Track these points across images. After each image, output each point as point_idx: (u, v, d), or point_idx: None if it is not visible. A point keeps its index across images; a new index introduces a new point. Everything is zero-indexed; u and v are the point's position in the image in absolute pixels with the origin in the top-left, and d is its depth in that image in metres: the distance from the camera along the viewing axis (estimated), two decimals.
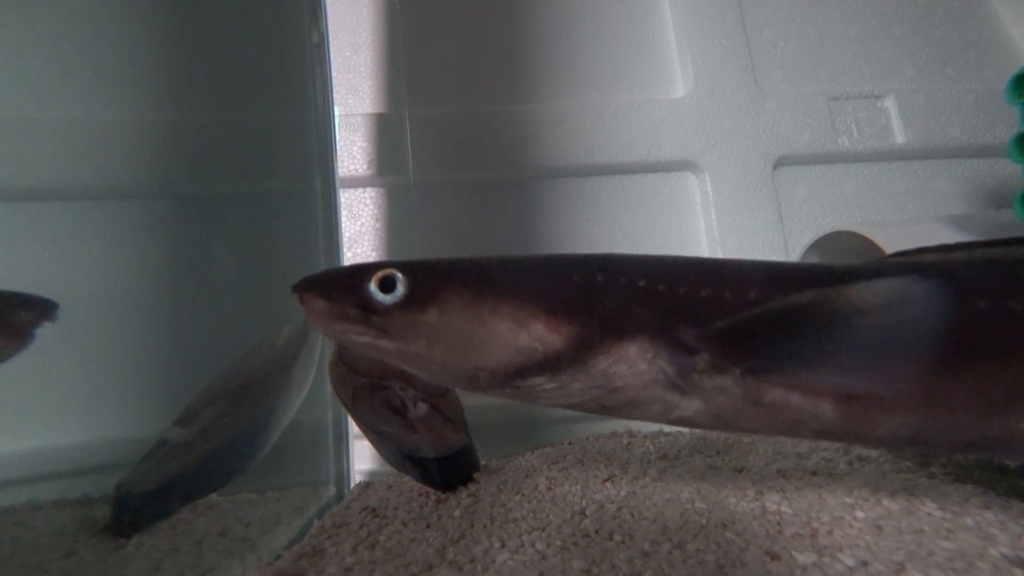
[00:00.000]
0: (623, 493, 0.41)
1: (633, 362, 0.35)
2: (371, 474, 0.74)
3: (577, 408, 0.38)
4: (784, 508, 0.37)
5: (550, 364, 0.36)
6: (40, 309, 0.39)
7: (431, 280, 0.38)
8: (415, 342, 0.37)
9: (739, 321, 0.33)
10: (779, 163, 0.88)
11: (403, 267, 0.38)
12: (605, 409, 0.38)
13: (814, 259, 0.69)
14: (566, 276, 0.37)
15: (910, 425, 0.32)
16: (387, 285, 0.37)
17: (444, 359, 0.37)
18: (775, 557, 0.31)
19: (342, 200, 0.83)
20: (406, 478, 0.52)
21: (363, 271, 0.38)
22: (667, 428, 0.75)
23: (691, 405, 0.35)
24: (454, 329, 0.37)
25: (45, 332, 0.46)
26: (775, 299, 0.33)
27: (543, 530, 0.37)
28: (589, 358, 0.35)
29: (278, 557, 0.40)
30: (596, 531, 0.36)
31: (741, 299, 0.34)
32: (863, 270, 0.35)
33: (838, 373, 0.31)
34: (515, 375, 0.36)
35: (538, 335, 0.36)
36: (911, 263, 0.36)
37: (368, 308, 0.37)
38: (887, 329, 0.30)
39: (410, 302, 0.37)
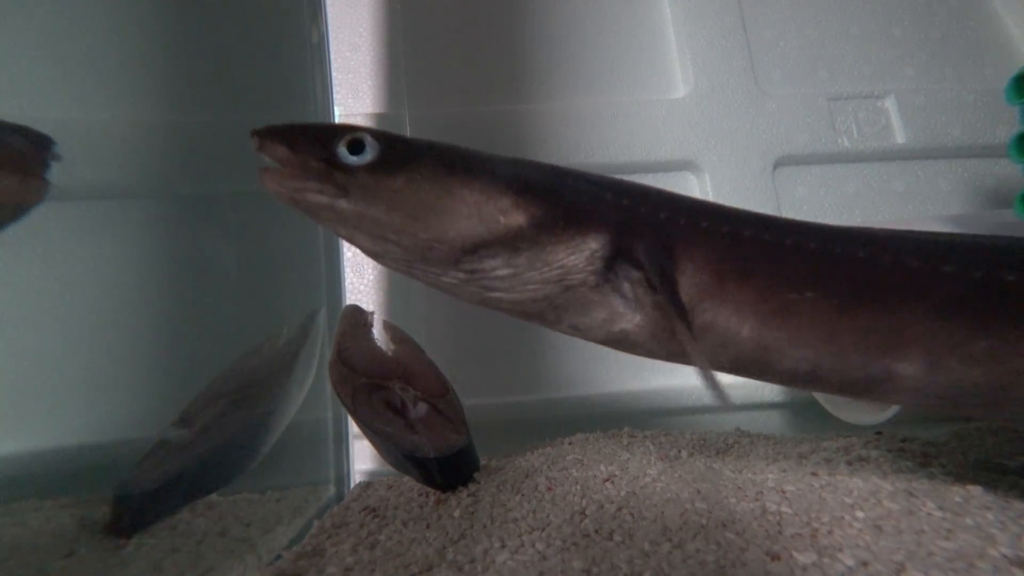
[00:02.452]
0: (623, 493, 0.41)
1: (591, 258, 0.36)
2: (371, 474, 0.74)
3: (523, 312, 0.39)
4: (784, 508, 0.37)
5: (509, 242, 0.36)
6: (42, 140, 0.36)
7: (404, 149, 0.38)
8: (374, 205, 0.37)
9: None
10: (779, 163, 0.88)
11: (377, 133, 0.38)
12: (553, 312, 0.39)
13: None
14: (540, 170, 0.40)
15: (809, 360, 0.36)
16: (356, 147, 0.37)
17: (402, 226, 0.37)
18: (775, 557, 0.31)
19: None
20: (406, 478, 0.52)
21: (335, 128, 0.38)
22: (667, 428, 0.75)
23: (633, 318, 0.37)
24: (419, 196, 0.37)
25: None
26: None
27: (543, 530, 0.37)
28: (549, 243, 0.36)
29: (278, 557, 0.40)
30: (596, 531, 0.36)
31: (694, 226, 0.38)
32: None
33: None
34: (471, 251, 0.36)
35: (503, 208, 0.36)
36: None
37: (333, 164, 0.37)
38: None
39: (378, 166, 0.37)
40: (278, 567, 0.37)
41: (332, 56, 0.86)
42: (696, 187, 0.88)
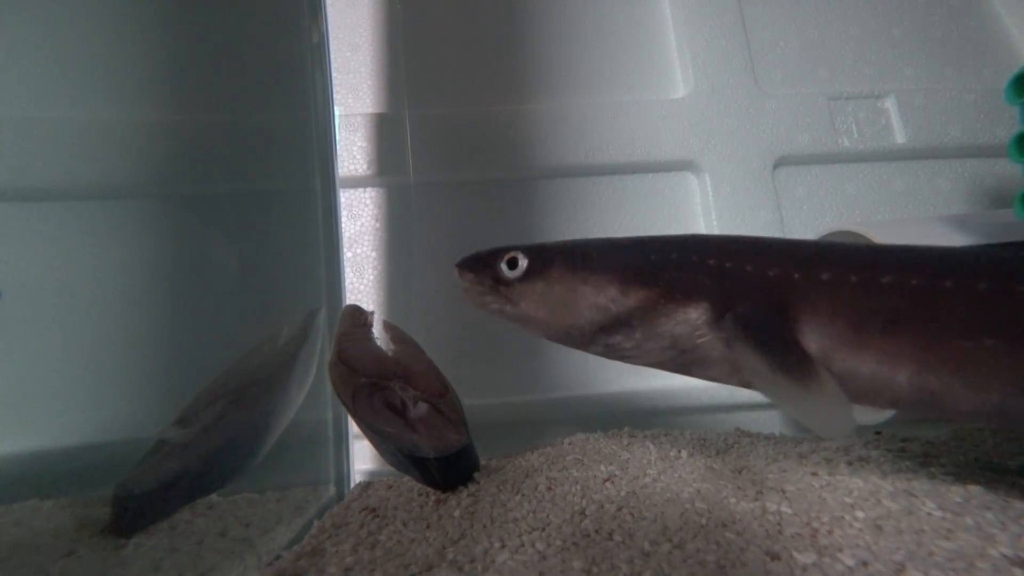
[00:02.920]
0: (623, 493, 0.41)
1: (696, 325, 0.41)
2: (371, 474, 0.74)
3: (663, 366, 0.45)
4: (784, 508, 0.37)
5: (624, 323, 0.43)
6: None
7: (541, 258, 0.48)
8: (529, 307, 0.48)
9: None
10: (779, 163, 0.88)
11: (524, 249, 0.49)
12: (684, 366, 0.44)
13: None
14: (644, 252, 0.45)
15: (994, 402, 0.35)
16: (512, 263, 0.48)
17: (549, 319, 0.47)
18: (775, 557, 0.31)
19: (342, 200, 0.83)
20: (406, 478, 0.52)
21: (498, 253, 0.49)
22: (667, 428, 0.75)
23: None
24: (554, 295, 0.46)
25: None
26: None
27: (543, 530, 0.37)
28: (655, 319, 0.42)
29: (278, 557, 0.40)
30: (596, 531, 0.36)
31: (812, 279, 0.38)
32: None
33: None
34: (598, 332, 0.45)
35: (613, 297, 0.43)
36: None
37: (499, 280, 0.48)
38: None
39: (526, 276, 0.48)
40: (278, 567, 0.37)
41: (332, 56, 0.86)
42: (696, 187, 0.88)
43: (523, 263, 0.48)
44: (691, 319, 0.41)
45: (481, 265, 0.50)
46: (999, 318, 0.34)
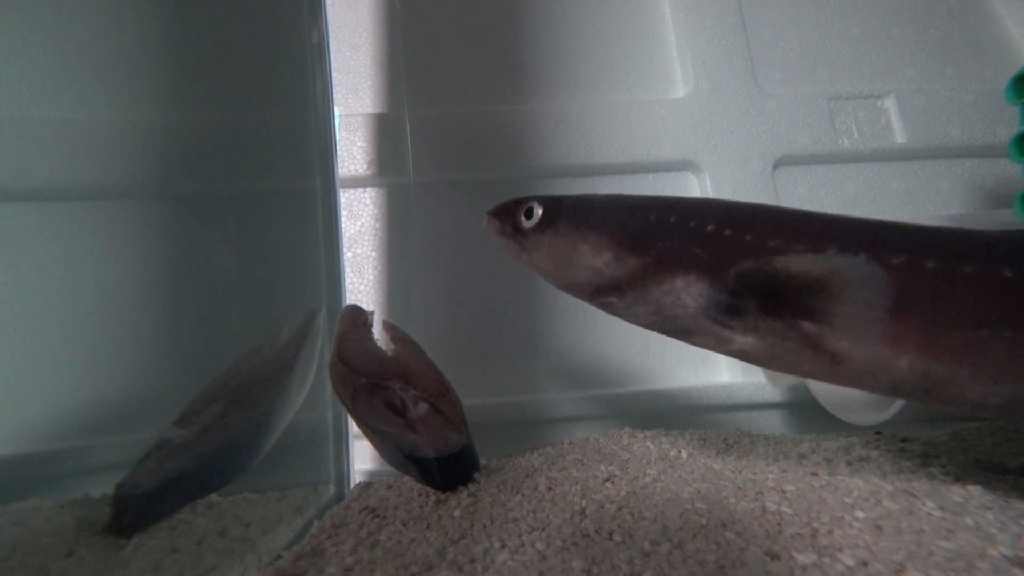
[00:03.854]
0: (623, 493, 0.41)
1: (679, 295, 0.41)
2: (371, 474, 0.74)
3: (651, 328, 0.45)
4: (784, 508, 0.37)
5: (615, 287, 0.44)
6: None
7: (553, 210, 0.49)
8: (538, 257, 0.49)
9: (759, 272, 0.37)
10: (779, 163, 0.88)
11: (542, 200, 0.50)
12: (671, 332, 0.44)
13: None
14: (646, 215, 0.44)
15: (1006, 394, 0.33)
16: (529, 213, 0.50)
17: (554, 272, 0.48)
18: (775, 557, 0.31)
19: (342, 200, 0.83)
20: (406, 478, 0.52)
21: (520, 202, 0.51)
22: (667, 428, 0.75)
23: (745, 340, 0.39)
24: (559, 250, 0.47)
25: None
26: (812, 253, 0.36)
27: (543, 530, 0.37)
28: (645, 287, 0.42)
29: (278, 557, 0.40)
30: (596, 531, 0.36)
31: (788, 248, 0.37)
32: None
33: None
34: (594, 291, 0.46)
35: (607, 261, 0.44)
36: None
37: (517, 229, 0.50)
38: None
39: (538, 226, 0.49)
40: (278, 567, 0.37)
41: (332, 56, 0.86)
42: (696, 187, 0.88)
43: (538, 213, 0.49)
44: (678, 289, 0.40)
45: (505, 213, 0.52)
46: (1017, 307, 0.32)
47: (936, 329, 0.33)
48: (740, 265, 0.38)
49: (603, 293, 0.45)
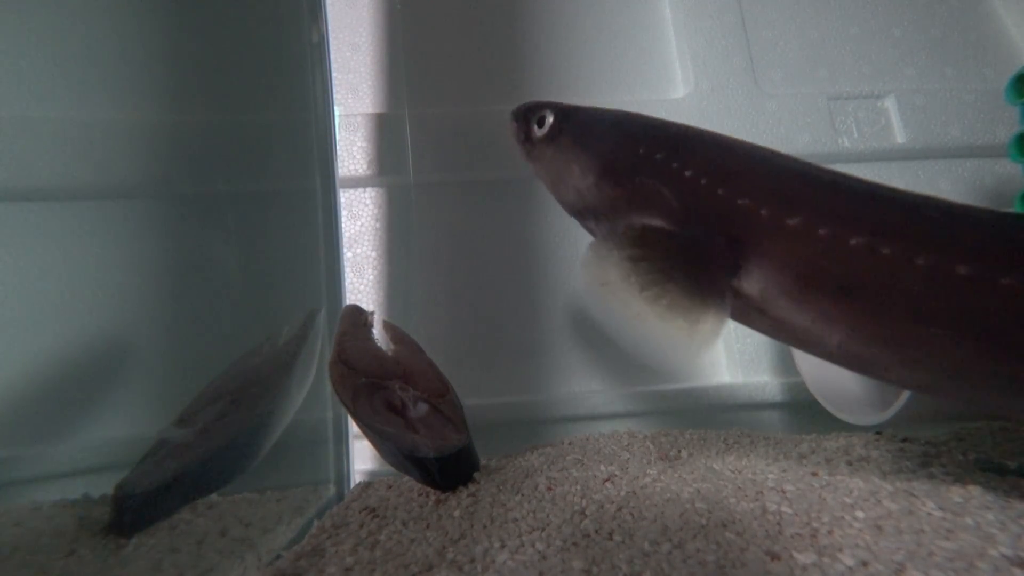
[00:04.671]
0: (623, 493, 0.41)
1: (646, 230, 0.39)
2: (371, 474, 0.74)
3: None
4: (784, 508, 0.37)
5: (593, 213, 0.44)
6: None
7: (561, 123, 0.48)
8: (540, 168, 0.50)
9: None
10: None
11: (554, 108, 0.49)
12: None
13: None
14: (636, 143, 0.42)
15: (923, 383, 0.34)
16: (541, 121, 0.49)
17: (550, 185, 0.49)
18: (775, 557, 0.31)
19: (342, 200, 0.83)
20: (406, 478, 0.52)
21: (535, 108, 0.50)
22: (667, 428, 0.75)
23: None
24: (556, 164, 0.47)
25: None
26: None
27: (543, 530, 0.37)
28: (616, 219, 0.42)
29: (278, 557, 0.40)
30: (596, 531, 0.36)
31: (778, 221, 0.35)
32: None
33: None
34: (577, 213, 0.46)
35: (588, 186, 0.44)
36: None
37: (528, 136, 0.50)
38: None
39: (545, 137, 0.48)
40: (278, 567, 0.37)
41: (332, 56, 0.86)
42: None
43: (548, 122, 0.49)
44: (643, 224, 0.40)
45: (521, 117, 0.51)
46: (951, 305, 0.31)
47: (869, 315, 0.33)
48: (699, 223, 0.37)
49: (583, 216, 0.45)
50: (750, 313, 0.38)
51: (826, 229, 0.33)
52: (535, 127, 0.49)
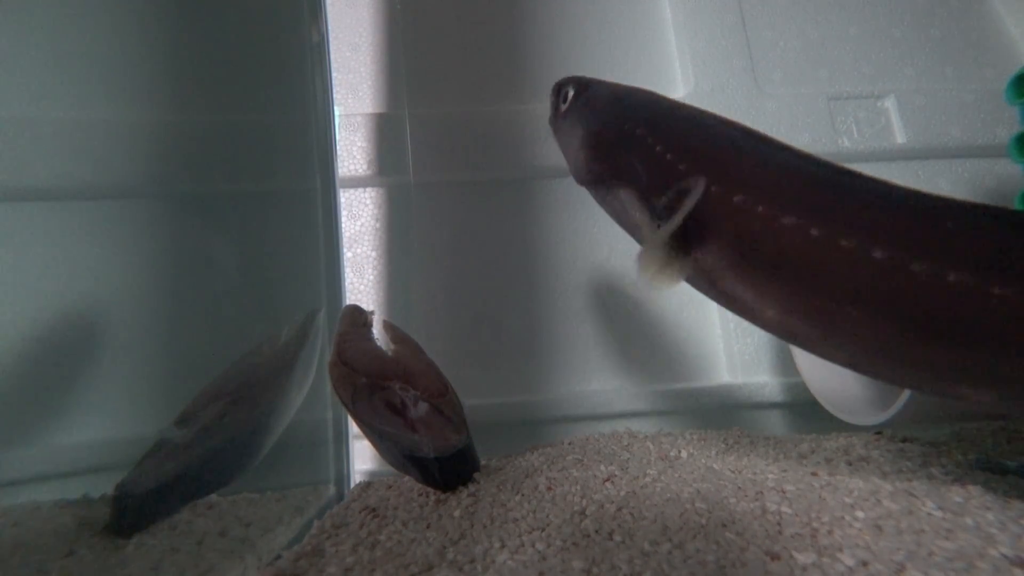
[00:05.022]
0: (623, 493, 0.41)
1: (624, 206, 0.44)
2: (371, 474, 0.74)
3: (620, 224, 0.48)
4: (784, 508, 0.37)
5: (591, 183, 0.48)
6: None
7: (579, 96, 0.51)
8: (558, 140, 0.54)
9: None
10: None
11: (576, 84, 0.53)
12: (630, 229, 0.47)
13: None
14: (622, 124, 0.45)
15: (846, 359, 0.36)
16: (564, 96, 0.53)
17: (565, 155, 0.52)
18: (775, 557, 0.31)
19: (342, 200, 0.83)
20: (406, 478, 0.52)
21: (565, 83, 0.54)
22: (667, 428, 0.75)
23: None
24: (567, 137, 0.51)
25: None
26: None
27: (543, 530, 0.37)
28: (603, 189, 0.46)
29: (278, 557, 0.40)
30: (596, 531, 0.36)
31: (725, 197, 0.37)
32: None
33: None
34: (582, 182, 0.49)
35: (586, 160, 0.47)
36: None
37: (556, 109, 0.54)
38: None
39: (566, 111, 0.52)
40: (278, 567, 0.37)
41: (332, 56, 0.86)
42: None
43: (569, 96, 0.52)
44: (623, 200, 0.43)
45: (554, 91, 0.55)
46: (867, 288, 0.32)
47: (798, 292, 0.35)
48: (660, 195, 0.40)
49: (586, 185, 0.49)
50: (704, 282, 0.40)
51: (764, 207, 0.35)
52: (560, 100, 0.53)
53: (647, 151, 0.42)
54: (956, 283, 0.29)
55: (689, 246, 0.38)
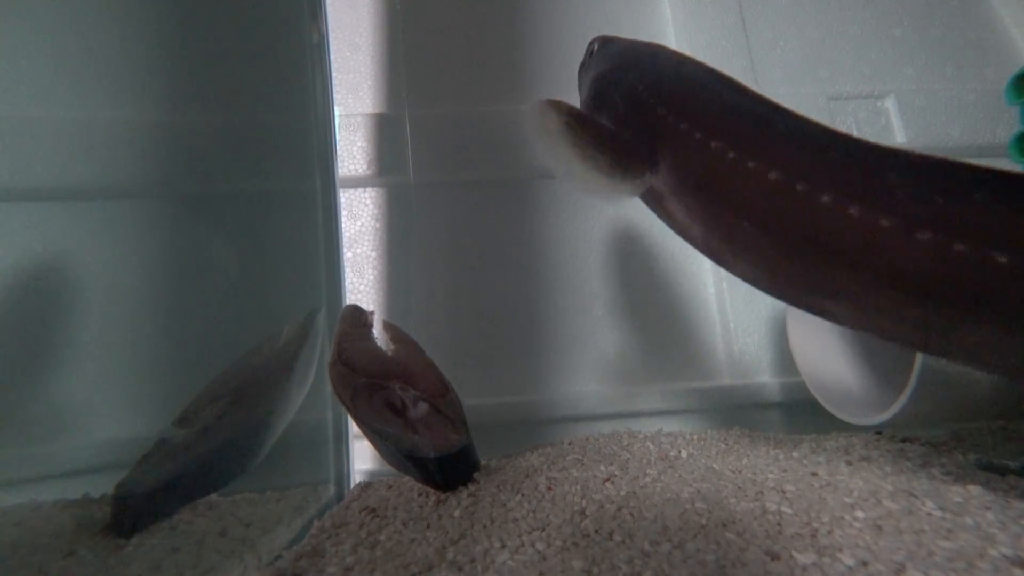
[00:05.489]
0: (623, 493, 0.41)
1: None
2: (371, 474, 0.74)
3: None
4: (784, 508, 0.37)
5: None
6: None
7: (597, 51, 0.55)
8: (580, 90, 0.57)
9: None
10: None
11: (601, 40, 0.56)
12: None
13: None
14: (619, 71, 0.49)
15: (749, 276, 0.41)
16: (590, 51, 0.56)
17: (581, 102, 0.55)
18: (775, 557, 0.31)
19: (342, 200, 0.83)
20: (406, 478, 0.52)
21: (593, 41, 0.58)
22: (667, 428, 0.75)
23: (643, 192, 0.45)
24: (583, 89, 0.55)
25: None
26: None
27: (543, 530, 0.37)
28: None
29: (278, 557, 0.40)
30: (596, 531, 0.36)
31: (673, 126, 0.42)
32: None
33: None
34: None
35: (585, 95, 0.52)
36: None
37: (583, 63, 0.59)
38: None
39: (586, 62, 0.57)
40: (278, 567, 0.37)
41: (332, 56, 0.86)
42: None
43: (594, 50, 0.55)
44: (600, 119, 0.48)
45: (587, 51, 0.58)
46: (767, 210, 0.36)
47: (712, 211, 0.39)
48: (635, 127, 0.44)
49: None
50: (654, 203, 0.46)
51: (700, 134, 0.39)
52: (588, 56, 0.56)
53: (628, 89, 0.47)
54: (827, 204, 0.34)
55: (646, 167, 0.44)
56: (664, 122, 0.42)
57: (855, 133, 0.89)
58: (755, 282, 0.41)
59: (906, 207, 0.32)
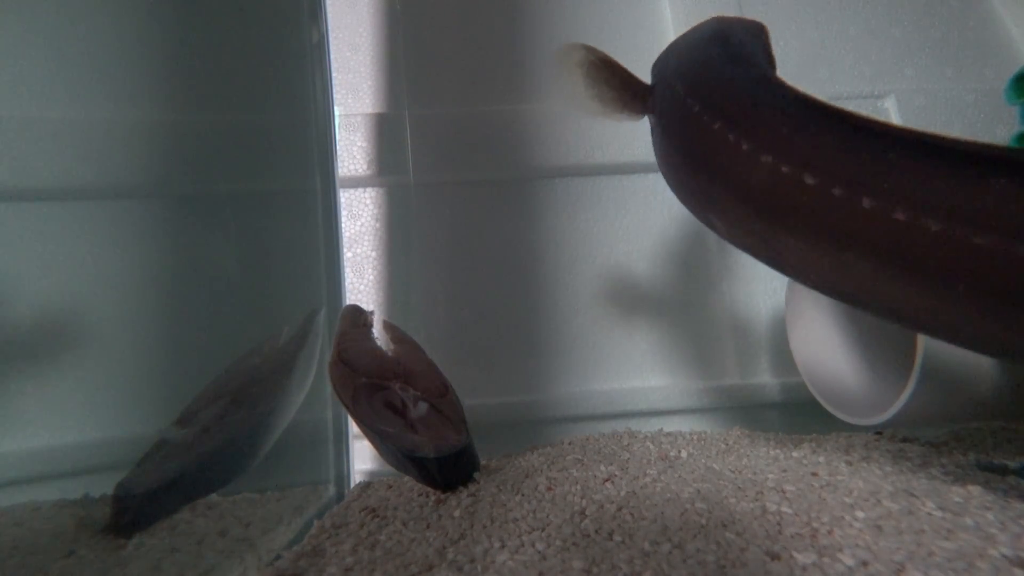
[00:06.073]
0: (623, 493, 0.41)
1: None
2: (371, 474, 0.74)
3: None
4: (784, 508, 0.37)
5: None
6: None
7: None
8: None
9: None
10: None
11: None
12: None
13: None
14: (667, 58, 0.55)
15: (720, 230, 0.46)
16: None
17: None
18: (775, 557, 0.31)
19: (342, 200, 0.83)
20: (406, 478, 0.52)
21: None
22: (667, 428, 0.75)
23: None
24: None
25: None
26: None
27: (543, 530, 0.37)
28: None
29: (278, 557, 0.40)
30: (596, 531, 0.36)
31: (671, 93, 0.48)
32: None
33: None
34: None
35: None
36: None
37: None
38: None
39: None
40: (278, 567, 0.37)
41: (332, 56, 0.86)
42: None
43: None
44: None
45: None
46: (720, 167, 0.40)
47: (688, 168, 0.44)
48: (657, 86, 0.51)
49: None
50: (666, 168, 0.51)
51: (699, 109, 0.43)
52: None
53: (664, 68, 0.53)
54: (788, 174, 0.36)
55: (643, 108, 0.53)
56: (677, 99, 0.47)
57: None
58: (762, 258, 0.43)
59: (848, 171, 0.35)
